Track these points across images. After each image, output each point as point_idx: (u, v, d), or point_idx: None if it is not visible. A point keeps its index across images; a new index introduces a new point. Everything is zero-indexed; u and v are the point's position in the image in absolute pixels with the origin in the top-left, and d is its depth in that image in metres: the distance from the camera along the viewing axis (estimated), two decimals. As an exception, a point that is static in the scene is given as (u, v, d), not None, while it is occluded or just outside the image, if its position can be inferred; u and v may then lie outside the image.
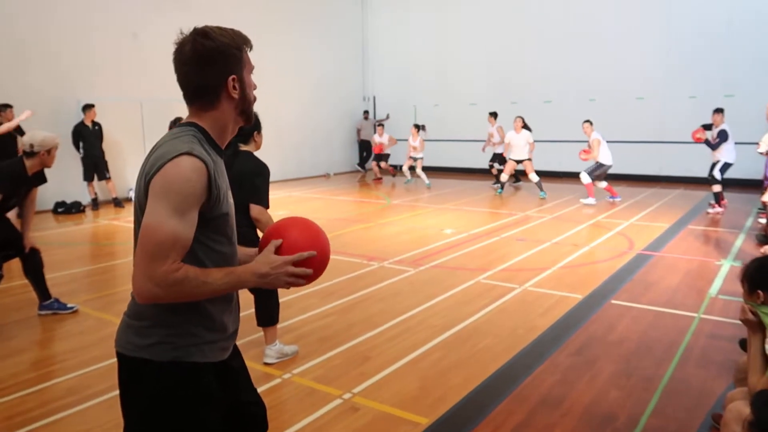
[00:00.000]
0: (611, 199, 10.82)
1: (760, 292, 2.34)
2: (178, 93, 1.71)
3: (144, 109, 12.17)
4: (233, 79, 1.65)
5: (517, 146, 11.83)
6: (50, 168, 4.90)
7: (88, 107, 10.77)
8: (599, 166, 10.74)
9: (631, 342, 4.28)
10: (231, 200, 1.74)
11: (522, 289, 5.58)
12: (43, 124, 10.51)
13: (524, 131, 11.77)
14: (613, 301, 5.19)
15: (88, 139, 10.85)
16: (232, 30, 1.68)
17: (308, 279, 1.67)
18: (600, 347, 4.21)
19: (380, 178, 15.09)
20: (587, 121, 10.92)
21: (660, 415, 3.26)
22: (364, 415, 3.28)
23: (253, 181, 3.74)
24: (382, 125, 14.95)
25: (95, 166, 10.97)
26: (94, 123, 10.93)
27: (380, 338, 4.41)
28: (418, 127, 13.64)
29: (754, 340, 2.26)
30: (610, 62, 13.92)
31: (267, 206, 3.83)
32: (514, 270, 6.30)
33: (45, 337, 4.61)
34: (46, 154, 4.69)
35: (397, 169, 15.51)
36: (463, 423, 3.19)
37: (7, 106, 9.28)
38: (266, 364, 3.94)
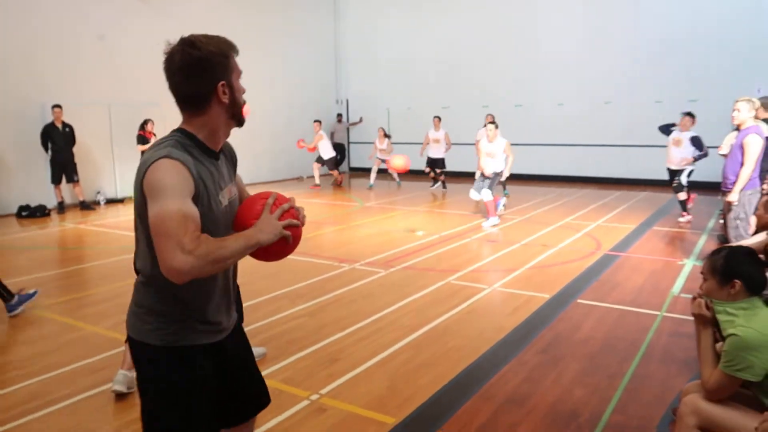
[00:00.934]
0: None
1: (736, 281, 2.32)
2: (146, 97, 1.72)
3: (112, 112, 11.97)
4: (222, 85, 1.73)
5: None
6: None
7: (55, 107, 10.55)
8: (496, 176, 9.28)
9: (596, 340, 4.37)
10: (225, 206, 1.81)
11: (491, 290, 5.64)
12: (8, 126, 10.28)
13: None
14: (580, 301, 5.28)
15: (57, 140, 10.63)
16: (218, 38, 1.75)
17: (298, 230, 1.82)
18: (566, 346, 4.28)
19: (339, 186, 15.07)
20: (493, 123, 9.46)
21: (622, 411, 3.33)
22: (332, 416, 3.28)
23: None
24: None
25: (63, 168, 10.74)
26: (65, 124, 10.72)
27: (350, 339, 4.41)
28: (386, 133, 14.02)
29: (704, 335, 2.32)
30: (579, 67, 14.18)
31: None
32: (484, 271, 6.36)
33: (6, 342, 4.50)
34: None
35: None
36: (430, 422, 3.22)
37: None
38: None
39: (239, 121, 1.81)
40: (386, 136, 14.02)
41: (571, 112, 14.35)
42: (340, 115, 17.57)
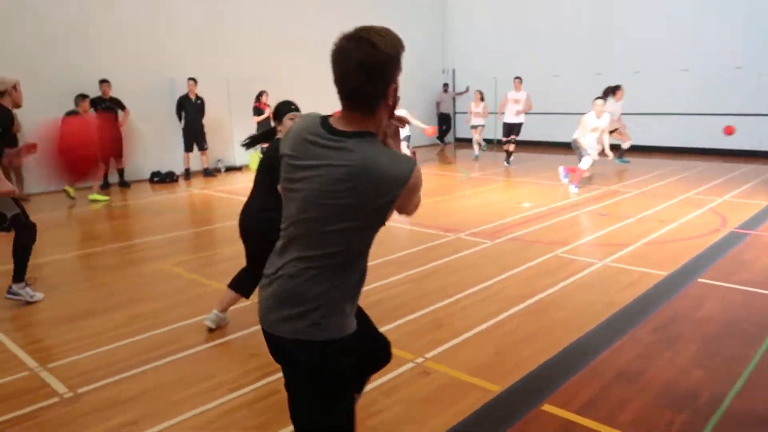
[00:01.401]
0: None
1: None
2: (261, 70, 1.78)
3: (230, 85, 12.63)
4: (393, 88, 1.70)
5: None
6: (21, 107, 4.72)
7: (190, 80, 11.35)
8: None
9: (717, 322, 4.08)
10: None
11: (602, 264, 5.42)
12: (142, 99, 11.18)
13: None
14: (701, 280, 4.94)
15: (190, 111, 11.46)
16: (393, 36, 1.71)
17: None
18: (684, 325, 4.04)
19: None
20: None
21: (746, 397, 3.11)
22: (436, 379, 3.35)
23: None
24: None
25: (195, 137, 11.60)
26: (197, 97, 11.53)
27: (454, 307, 4.45)
28: (483, 96, 13.48)
29: None
30: (702, 28, 12.96)
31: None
32: (595, 245, 6.12)
33: (142, 295, 4.99)
34: (14, 90, 4.54)
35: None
36: (536, 393, 3.19)
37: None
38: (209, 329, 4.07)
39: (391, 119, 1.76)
40: (482, 99, 13.61)
41: (695, 78, 13.19)
42: (446, 85, 17.36)
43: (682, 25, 13.35)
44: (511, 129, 12.52)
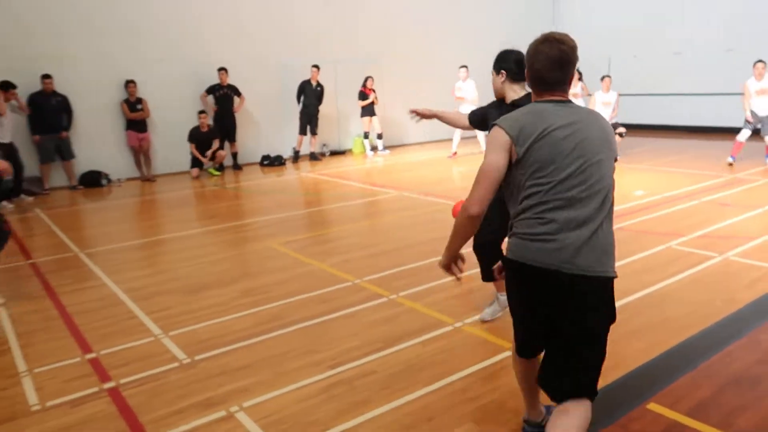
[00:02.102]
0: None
1: None
2: (367, 54, 1.81)
3: (338, 70, 12.93)
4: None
5: None
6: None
7: (314, 66, 11.82)
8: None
9: None
10: None
11: (723, 258, 5.03)
12: (252, 86, 11.76)
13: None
14: (841, 279, 4.45)
15: (309, 96, 11.94)
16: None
17: None
18: (816, 329, 3.67)
19: None
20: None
21: None
22: (534, 370, 3.28)
23: None
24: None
25: (309, 121, 12.04)
26: (318, 84, 11.97)
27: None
28: (581, 76, 12.37)
29: None
30: None
31: None
32: (715, 237, 5.68)
33: (253, 271, 5.31)
34: None
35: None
36: (640, 390, 3.05)
37: (223, 69, 10.43)
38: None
39: None
40: (580, 79, 12.71)
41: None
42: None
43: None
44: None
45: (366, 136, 12.86)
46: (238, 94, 11.32)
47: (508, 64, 3.51)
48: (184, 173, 11.03)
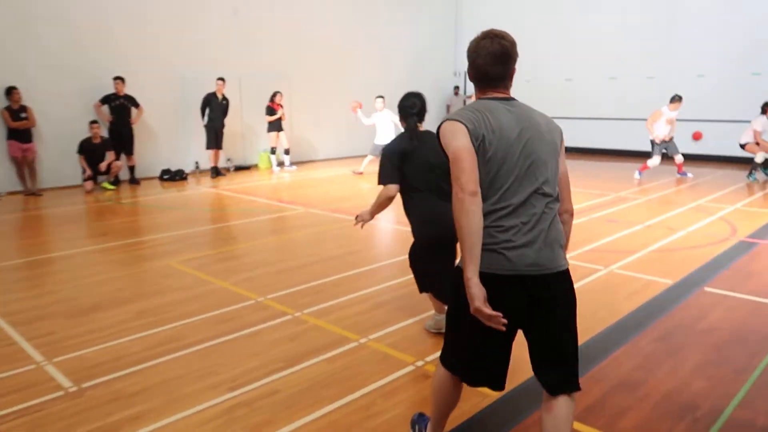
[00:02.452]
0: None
1: None
2: (275, 69, 1.79)
3: (242, 84, 12.69)
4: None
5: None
6: None
7: (219, 79, 11.46)
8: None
9: (723, 331, 4.06)
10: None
11: (607, 271, 5.40)
12: (152, 97, 11.27)
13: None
14: (707, 289, 4.91)
15: (215, 109, 11.56)
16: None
17: None
18: (687, 335, 4.02)
19: None
20: None
21: (748, 407, 3.09)
22: (436, 383, 3.35)
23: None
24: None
25: (216, 136, 11.65)
26: (224, 97, 11.61)
27: (457, 311, 4.44)
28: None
29: None
30: (720, 34, 12.86)
31: (379, 182, 3.78)
32: (602, 251, 6.10)
33: (149, 291, 5.04)
34: None
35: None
36: (535, 398, 3.18)
37: (119, 78, 9.96)
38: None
39: None
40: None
41: (711, 84, 13.11)
42: (456, 88, 17.36)
43: (703, 31, 13.27)
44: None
45: (273, 151, 12.70)
46: (136, 105, 10.82)
47: (400, 110, 3.88)
48: (76, 187, 10.35)
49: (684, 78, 13.42)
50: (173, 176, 11.45)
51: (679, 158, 11.07)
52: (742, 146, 10.92)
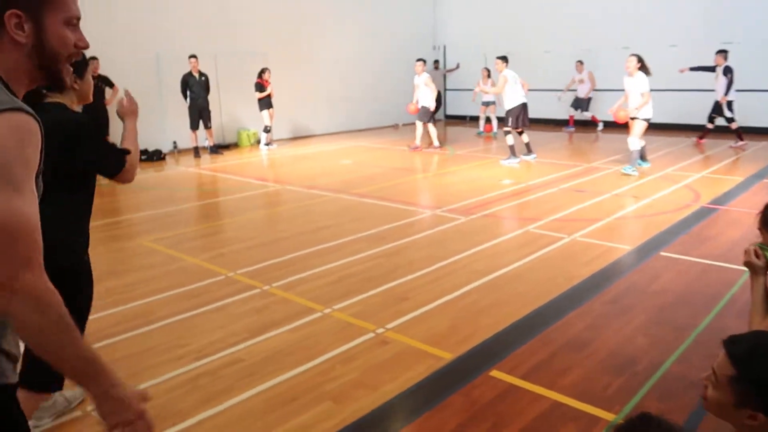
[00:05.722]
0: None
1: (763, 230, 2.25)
2: (252, 46, 1.83)
3: (218, 62, 12.61)
4: (16, 16, 1.18)
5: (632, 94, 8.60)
6: None
7: (191, 57, 11.30)
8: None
9: (671, 293, 4.25)
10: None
11: (570, 239, 5.57)
12: (128, 76, 11.22)
13: (639, 74, 8.43)
14: (663, 253, 5.10)
15: (195, 88, 11.44)
16: None
17: None
18: (637, 297, 4.21)
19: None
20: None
21: (685, 362, 3.28)
22: (393, 348, 3.52)
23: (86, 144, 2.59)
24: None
25: (200, 114, 11.60)
26: (201, 73, 11.51)
27: (421, 281, 4.61)
28: (489, 73, 13.43)
29: (756, 284, 2.24)
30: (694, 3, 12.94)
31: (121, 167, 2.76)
32: (566, 220, 6.26)
33: (119, 269, 5.14)
34: None
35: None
36: (485, 360, 3.36)
37: (94, 58, 9.92)
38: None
39: (53, 79, 1.29)
40: (489, 76, 13.63)
41: (683, 53, 13.22)
42: (437, 62, 17.31)
43: (664, 2, 13.34)
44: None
45: (267, 129, 12.53)
46: (111, 85, 10.74)
47: None
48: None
49: (658, 47, 13.53)
50: (151, 156, 11.44)
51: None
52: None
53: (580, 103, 14.22)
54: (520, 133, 10.01)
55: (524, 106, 9.92)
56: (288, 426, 2.79)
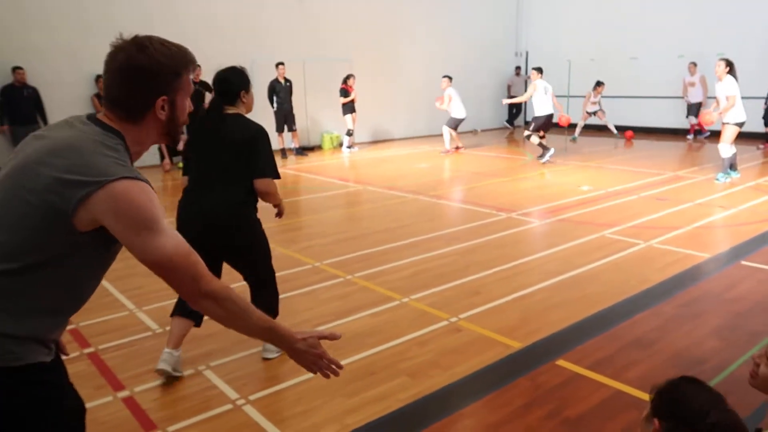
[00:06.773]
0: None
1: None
2: (338, 53, 2.12)
3: (306, 68, 13.30)
4: (163, 101, 1.54)
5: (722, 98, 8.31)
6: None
7: (279, 64, 12.07)
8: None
9: (749, 300, 4.25)
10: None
11: (646, 245, 5.60)
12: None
13: (728, 78, 8.14)
14: (744, 262, 5.05)
15: (281, 94, 12.21)
16: (177, 48, 1.56)
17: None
18: (712, 302, 4.24)
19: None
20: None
21: (754, 365, 3.33)
22: (465, 336, 3.78)
23: (253, 149, 3.25)
24: (695, 64, 13.28)
25: (285, 118, 12.36)
26: (286, 79, 12.28)
27: (492, 278, 4.83)
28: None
29: None
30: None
31: (277, 176, 3.45)
32: (644, 227, 6.26)
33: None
34: None
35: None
36: (552, 350, 3.56)
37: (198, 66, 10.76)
38: (266, 359, 3.58)
39: (173, 140, 1.65)
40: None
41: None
42: (518, 68, 17.33)
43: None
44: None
45: (350, 133, 13.14)
46: (210, 90, 11.59)
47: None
48: (155, 167, 11.31)
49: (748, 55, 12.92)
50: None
51: None
52: None
53: (692, 109, 13.53)
54: (542, 137, 10.92)
55: (550, 117, 10.94)
56: (367, 394, 3.13)
